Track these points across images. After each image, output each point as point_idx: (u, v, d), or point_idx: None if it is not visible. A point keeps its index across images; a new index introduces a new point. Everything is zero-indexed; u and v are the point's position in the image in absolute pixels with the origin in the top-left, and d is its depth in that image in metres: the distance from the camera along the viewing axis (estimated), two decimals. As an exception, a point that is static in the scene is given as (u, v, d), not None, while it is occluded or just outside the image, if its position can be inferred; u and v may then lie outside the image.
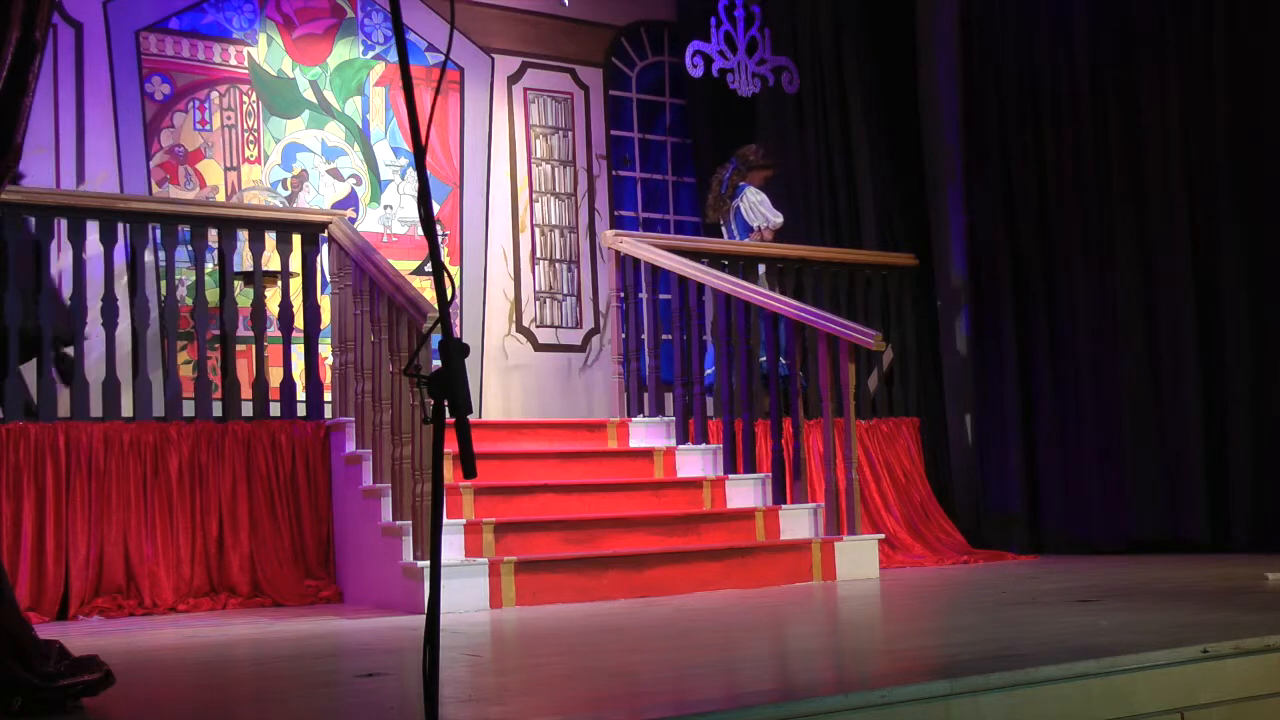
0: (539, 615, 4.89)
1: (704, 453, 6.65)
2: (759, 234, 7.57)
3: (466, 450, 2.21)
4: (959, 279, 7.89)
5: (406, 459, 5.27)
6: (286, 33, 7.65)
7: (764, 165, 7.75)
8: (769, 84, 7.78)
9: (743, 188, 7.70)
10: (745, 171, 7.74)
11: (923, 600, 5.20)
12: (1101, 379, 7.02)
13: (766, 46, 7.78)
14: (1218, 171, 6.61)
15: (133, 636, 4.64)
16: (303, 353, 6.21)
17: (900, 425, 7.53)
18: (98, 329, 5.81)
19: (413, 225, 7.92)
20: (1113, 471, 6.94)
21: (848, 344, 6.16)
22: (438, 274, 2.23)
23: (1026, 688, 2.83)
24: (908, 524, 7.20)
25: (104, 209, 5.88)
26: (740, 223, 7.68)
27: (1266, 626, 3.34)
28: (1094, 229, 7.10)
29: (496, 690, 3.18)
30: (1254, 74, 6.54)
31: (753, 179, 7.74)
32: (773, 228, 7.58)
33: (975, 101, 7.73)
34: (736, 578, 5.69)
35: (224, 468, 5.75)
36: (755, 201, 7.64)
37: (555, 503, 5.89)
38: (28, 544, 5.32)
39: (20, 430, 5.40)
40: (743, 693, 2.93)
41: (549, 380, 8.31)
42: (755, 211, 7.61)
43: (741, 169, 7.74)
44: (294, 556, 5.82)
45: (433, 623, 2.16)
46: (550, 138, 8.51)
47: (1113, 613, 4.05)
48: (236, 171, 7.43)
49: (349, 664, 3.84)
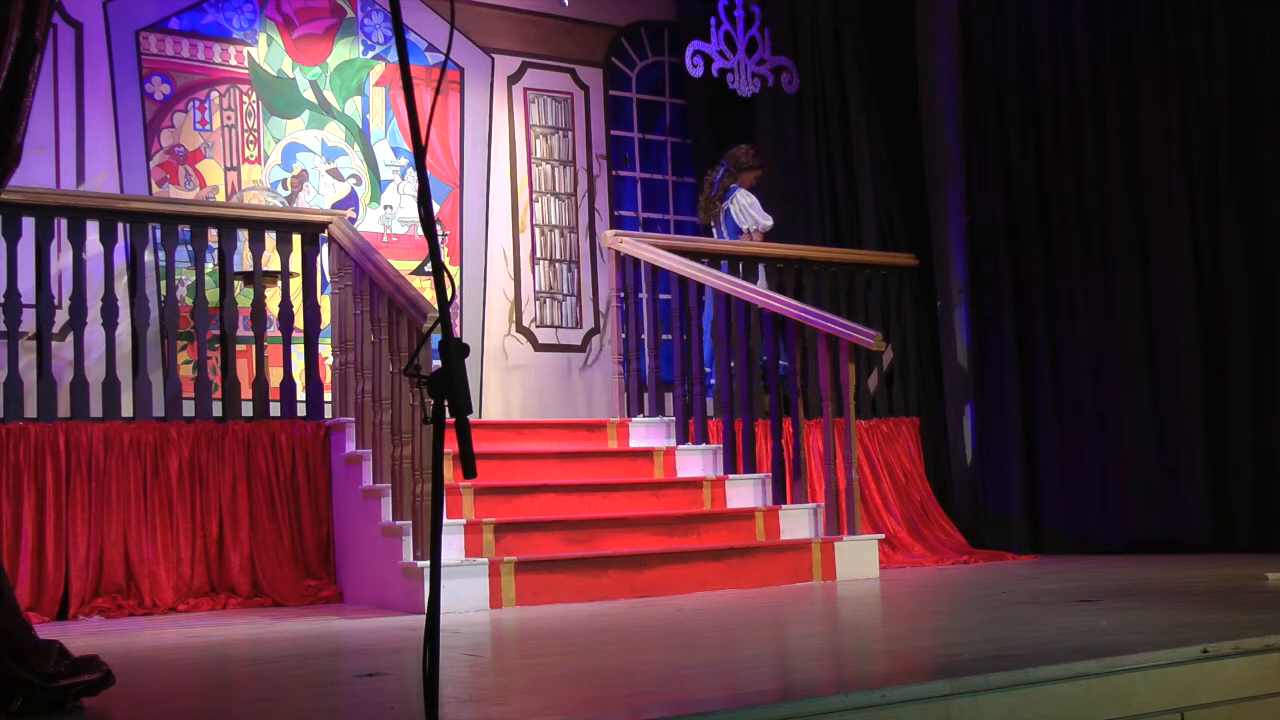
0: (539, 615, 4.89)
1: (704, 453, 6.65)
2: (748, 236, 7.56)
3: (466, 450, 2.21)
4: (959, 279, 7.90)
5: (406, 459, 5.27)
6: (286, 33, 7.65)
7: (755, 166, 7.73)
8: (769, 84, 7.78)
9: (733, 190, 7.69)
10: (736, 173, 7.72)
11: (923, 600, 5.20)
12: (1101, 379, 7.02)
13: (766, 46, 7.78)
14: (1218, 170, 6.61)
15: (133, 636, 4.64)
16: (303, 353, 6.21)
17: (900, 425, 7.53)
18: (98, 329, 5.81)
19: (413, 225, 7.92)
20: (1113, 471, 6.94)
21: (848, 344, 6.16)
22: (438, 274, 2.23)
23: (1026, 688, 2.83)
24: (908, 524, 7.20)
25: (104, 209, 5.88)
26: (730, 225, 7.66)
27: (1266, 626, 3.34)
28: (1094, 229, 7.10)
29: (496, 690, 3.18)
30: (1254, 73, 6.54)
31: (744, 180, 7.72)
32: (762, 230, 7.55)
33: (975, 101, 7.73)
34: (736, 578, 5.69)
35: (224, 468, 5.75)
36: (745, 204, 7.62)
37: (555, 503, 5.89)
38: (28, 544, 5.32)
39: (20, 430, 5.40)
40: (743, 693, 2.93)
41: (549, 380, 8.31)
42: (745, 214, 7.59)
43: (732, 171, 7.73)
44: (294, 556, 5.82)
45: (433, 623, 2.16)
46: (550, 138, 8.51)
47: (1113, 613, 4.05)
48: (236, 171, 7.43)
49: (349, 664, 3.84)
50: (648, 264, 6.96)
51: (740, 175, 7.73)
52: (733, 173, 7.73)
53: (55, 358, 5.87)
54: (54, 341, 5.87)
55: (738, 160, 7.73)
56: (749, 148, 7.81)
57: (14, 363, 5.55)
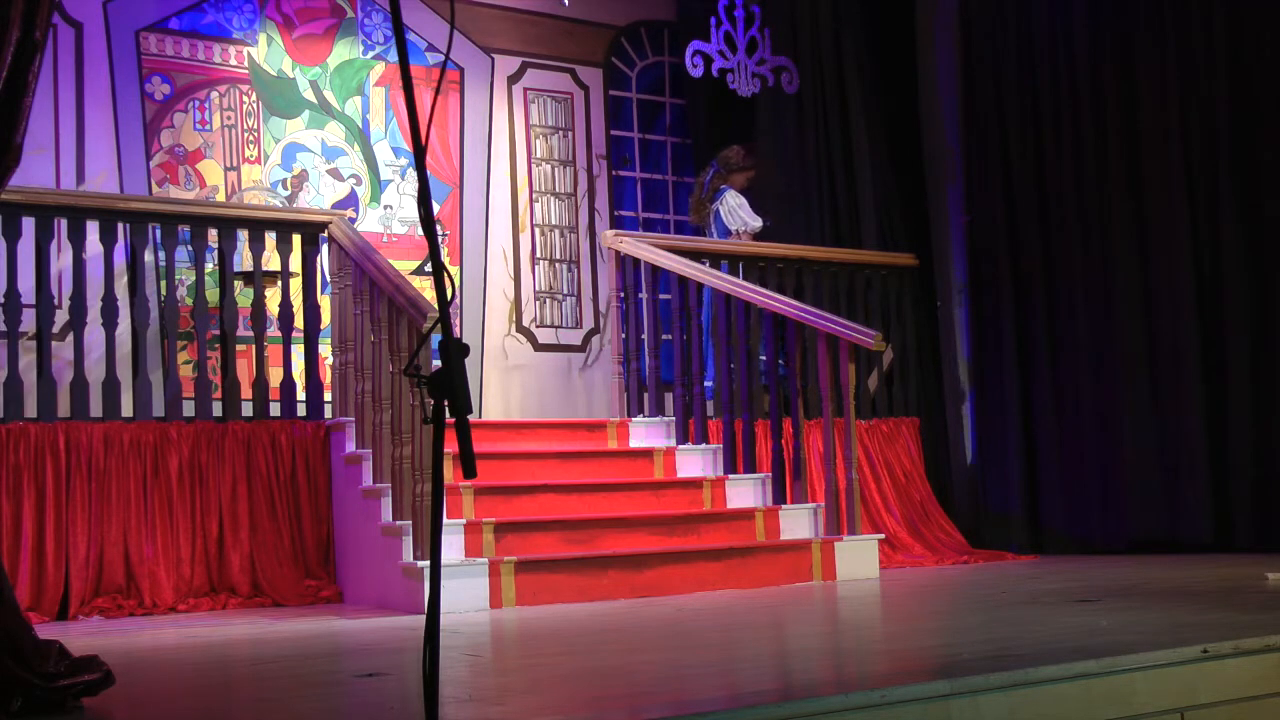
0: (539, 615, 4.89)
1: (704, 453, 6.65)
2: (737, 238, 7.55)
3: (466, 450, 2.21)
4: (959, 279, 7.89)
5: (406, 459, 5.27)
6: (286, 33, 7.65)
7: (746, 167, 7.71)
8: (769, 84, 7.78)
9: (723, 191, 7.67)
10: (726, 174, 7.71)
11: (923, 600, 5.20)
12: (1102, 379, 7.02)
13: (766, 46, 7.78)
14: (1218, 170, 6.61)
15: (133, 636, 4.64)
16: (303, 353, 6.21)
17: (900, 425, 7.53)
18: (98, 329, 5.81)
19: (413, 225, 7.92)
20: (1113, 471, 6.93)
21: (848, 344, 6.16)
22: (438, 274, 2.23)
23: (1026, 688, 2.83)
24: (908, 524, 7.20)
25: (104, 209, 5.88)
26: (720, 226, 7.64)
27: (1266, 626, 3.34)
28: (1094, 229, 7.10)
29: (496, 690, 3.18)
30: (1255, 73, 6.54)
31: (735, 182, 7.71)
32: (750, 231, 7.53)
33: (975, 101, 7.73)
34: (736, 578, 5.69)
35: (224, 468, 5.76)
36: (734, 205, 7.60)
37: (555, 503, 5.89)
38: (28, 544, 5.32)
39: (20, 430, 5.40)
40: (743, 693, 2.92)
41: (549, 380, 8.30)
42: (734, 215, 7.58)
43: (723, 172, 7.71)
44: (294, 556, 5.82)
45: (433, 623, 2.16)
46: (550, 138, 8.50)
47: (1113, 613, 4.05)
48: (236, 171, 7.43)
49: (349, 664, 3.84)
50: (648, 264, 6.96)
51: (731, 176, 7.71)
52: (723, 174, 7.71)
53: (55, 358, 5.87)
54: (54, 341, 5.87)
55: (728, 161, 7.71)
56: (740, 148, 7.80)
57: (14, 363, 5.55)
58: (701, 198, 7.76)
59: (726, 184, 7.71)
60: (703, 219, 7.77)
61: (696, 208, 7.81)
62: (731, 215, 7.59)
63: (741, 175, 7.73)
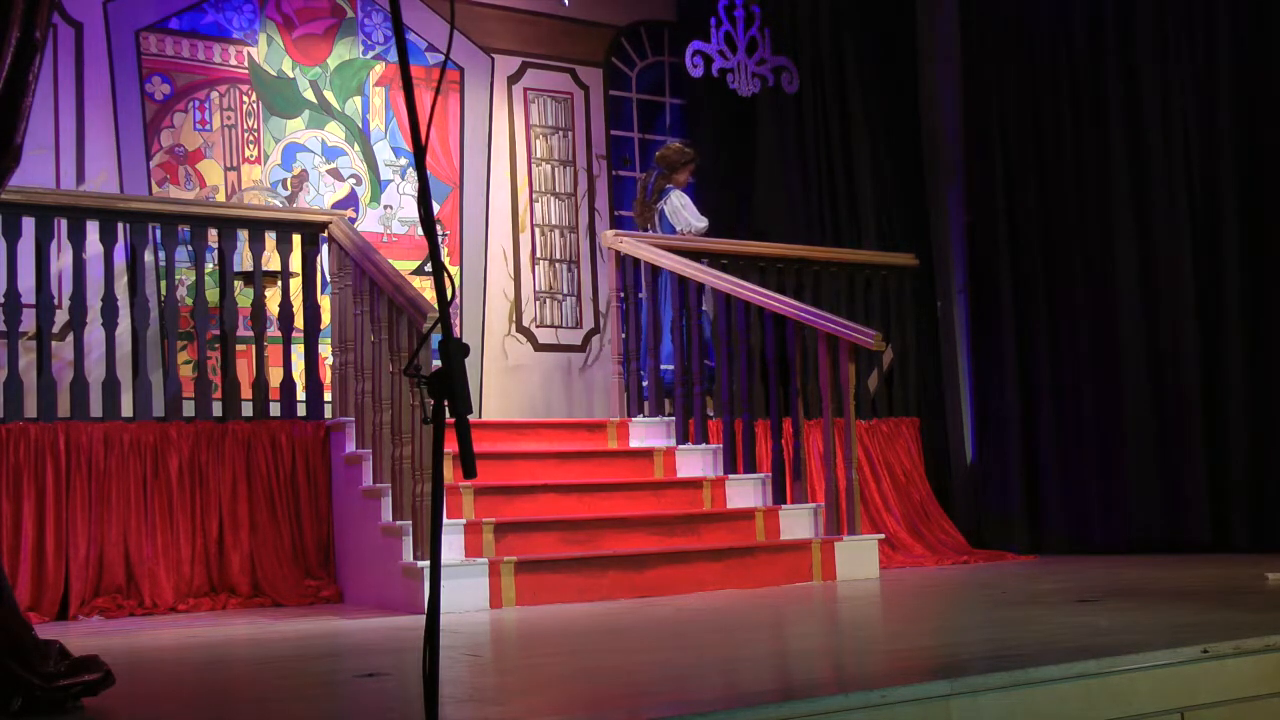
0: (539, 615, 4.89)
1: (704, 453, 6.65)
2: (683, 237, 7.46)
3: (466, 450, 2.21)
4: (959, 279, 7.90)
5: (406, 459, 5.27)
6: (286, 33, 7.65)
7: (688, 162, 7.59)
8: (769, 84, 7.78)
9: (667, 191, 7.55)
10: (670, 174, 7.57)
11: (923, 600, 5.20)
12: (1102, 379, 7.02)
13: (766, 46, 7.78)
14: (1219, 170, 6.62)
15: (133, 636, 4.63)
16: (303, 353, 6.21)
17: (900, 425, 7.53)
18: (98, 329, 5.81)
19: (413, 225, 7.92)
20: (1113, 471, 6.94)
21: (848, 344, 6.16)
22: (438, 274, 2.22)
23: (1026, 688, 2.83)
24: (908, 524, 7.20)
25: (104, 209, 5.88)
26: (666, 227, 7.54)
27: (1266, 626, 3.34)
28: (1094, 229, 7.10)
29: (496, 690, 3.18)
30: (1256, 73, 6.54)
31: (678, 180, 7.58)
32: (695, 232, 7.39)
33: (975, 101, 7.73)
34: (736, 578, 5.69)
35: (224, 468, 5.76)
36: (678, 205, 7.48)
37: (555, 503, 5.89)
38: (28, 544, 5.33)
39: (20, 430, 5.40)
40: (743, 693, 2.93)
41: (549, 380, 8.30)
42: (678, 216, 7.48)
43: (665, 172, 7.57)
44: (294, 556, 5.82)
45: (433, 623, 2.16)
46: (550, 138, 8.50)
47: (1113, 613, 4.05)
48: (236, 171, 7.43)
49: (349, 664, 3.83)
50: (647, 264, 6.96)
51: (674, 175, 7.57)
52: (666, 174, 7.59)
53: (55, 358, 5.87)
54: (54, 341, 5.87)
55: (668, 160, 7.58)
56: (679, 144, 7.71)
57: (14, 363, 5.55)
58: (646, 200, 7.64)
59: (670, 184, 7.57)
60: (648, 221, 7.65)
61: (641, 211, 7.67)
62: (676, 216, 7.48)
63: (684, 172, 7.59)
